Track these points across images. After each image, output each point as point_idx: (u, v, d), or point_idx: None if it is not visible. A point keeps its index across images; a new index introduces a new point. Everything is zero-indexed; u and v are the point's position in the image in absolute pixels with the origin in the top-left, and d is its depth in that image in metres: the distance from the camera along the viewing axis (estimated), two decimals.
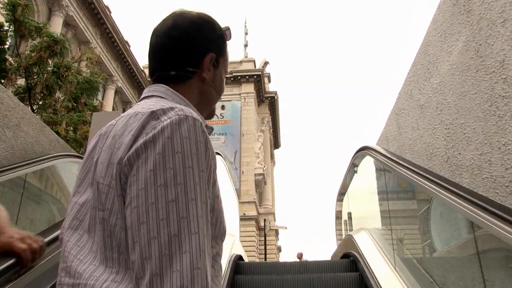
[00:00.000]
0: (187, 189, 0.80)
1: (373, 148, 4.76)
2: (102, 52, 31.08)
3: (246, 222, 35.39)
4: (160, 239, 0.76)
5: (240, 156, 37.86)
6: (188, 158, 0.82)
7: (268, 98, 45.63)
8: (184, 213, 0.78)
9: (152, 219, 0.78)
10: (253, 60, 43.92)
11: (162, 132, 0.84)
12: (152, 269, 0.74)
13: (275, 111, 48.19)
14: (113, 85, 32.88)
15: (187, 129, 0.85)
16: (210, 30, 1.16)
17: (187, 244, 0.76)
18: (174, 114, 0.87)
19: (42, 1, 26.19)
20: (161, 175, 0.80)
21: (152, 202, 0.78)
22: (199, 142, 0.86)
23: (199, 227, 0.79)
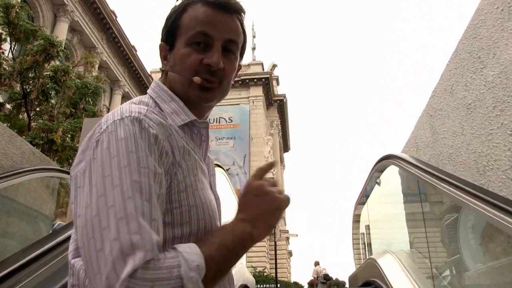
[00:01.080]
0: (123, 189, 0.77)
1: (400, 157, 3.95)
2: (108, 57, 30.60)
3: None
4: (86, 223, 0.76)
5: (249, 160, 37.14)
6: (123, 158, 0.80)
7: (276, 101, 44.97)
8: (122, 213, 0.75)
9: (82, 208, 0.79)
10: (261, 63, 43.24)
11: (98, 140, 0.84)
12: (84, 257, 0.75)
13: (284, 114, 47.50)
14: (120, 90, 32.35)
15: (123, 130, 0.84)
16: (165, 23, 1.11)
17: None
18: (112, 118, 0.87)
19: (47, 7, 25.80)
20: (100, 185, 0.79)
21: (88, 205, 0.78)
22: (134, 140, 0.83)
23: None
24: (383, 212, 5.30)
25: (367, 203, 5.76)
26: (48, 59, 10.78)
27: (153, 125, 0.88)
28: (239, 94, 40.08)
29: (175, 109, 1.02)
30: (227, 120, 38.49)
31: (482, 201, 2.21)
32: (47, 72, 11.12)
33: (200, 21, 1.03)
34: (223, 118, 38.40)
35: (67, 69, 11.35)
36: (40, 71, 10.63)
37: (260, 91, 40.89)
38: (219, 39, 1.03)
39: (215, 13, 1.04)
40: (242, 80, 40.55)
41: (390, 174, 4.62)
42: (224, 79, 1.05)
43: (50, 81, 11.00)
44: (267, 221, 0.91)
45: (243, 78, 40.53)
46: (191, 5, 1.06)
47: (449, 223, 3.21)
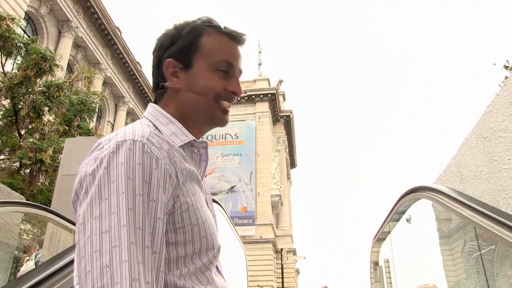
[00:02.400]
0: (120, 216, 0.78)
1: (440, 191, 3.05)
2: (113, 73, 30.05)
3: (263, 245, 33.76)
4: (93, 272, 0.75)
5: (255, 177, 36.26)
6: (122, 184, 0.80)
7: (283, 116, 44.23)
8: (116, 242, 0.76)
9: (87, 253, 0.76)
10: (267, 79, 42.60)
11: (100, 163, 0.83)
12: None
13: (291, 130, 46.74)
14: (125, 106, 31.74)
15: (124, 154, 0.83)
16: (166, 37, 1.10)
17: (118, 274, 0.74)
18: (114, 142, 0.86)
19: (52, 23, 25.37)
20: (96, 207, 0.79)
21: (88, 236, 0.77)
22: (137, 164, 0.83)
23: (129, 255, 0.76)
24: (412, 253, 4.42)
25: (390, 240, 4.88)
26: (40, 74, 10.07)
27: (155, 149, 0.87)
28: (245, 110, 39.38)
29: (174, 131, 1.01)
30: (233, 136, 37.75)
31: None
32: (39, 87, 10.41)
33: (225, 51, 1.08)
34: (229, 134, 37.66)
35: (61, 84, 10.63)
36: (31, 86, 9.91)
37: (267, 107, 40.18)
38: (237, 70, 1.10)
39: (234, 45, 1.10)
40: (248, 96, 39.88)
41: (421, 209, 3.75)
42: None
43: (42, 97, 10.28)
44: None
45: (249, 94, 39.87)
46: (209, 30, 1.08)
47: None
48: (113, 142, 0.85)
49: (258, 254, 32.86)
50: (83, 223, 0.79)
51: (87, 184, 0.82)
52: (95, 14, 27.88)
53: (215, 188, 34.69)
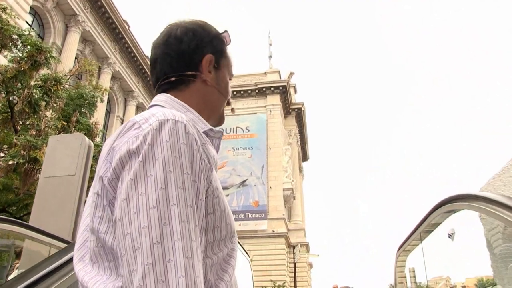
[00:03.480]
0: (169, 194, 0.77)
1: (496, 200, 2.29)
2: (121, 67, 29.46)
3: (275, 240, 33.10)
4: (142, 248, 0.73)
5: (267, 170, 35.53)
6: (169, 162, 0.79)
7: (294, 109, 43.38)
8: (166, 219, 0.74)
9: (134, 229, 0.74)
10: (278, 71, 41.71)
11: (144, 140, 0.81)
12: (137, 280, 0.71)
13: (302, 122, 45.88)
14: (134, 100, 31.17)
15: (168, 133, 0.82)
16: (205, 32, 1.14)
17: (171, 252, 0.73)
18: (155, 120, 0.84)
19: (58, 17, 24.78)
20: (141, 183, 0.77)
21: (134, 212, 0.75)
22: (182, 144, 0.82)
23: (182, 233, 0.75)
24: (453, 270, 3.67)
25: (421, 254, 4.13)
26: (36, 67, 9.41)
27: (194, 131, 0.87)
28: (256, 103, 38.62)
29: (192, 118, 1.00)
30: (244, 130, 37.03)
31: None
32: (36, 81, 9.76)
33: (232, 65, 1.22)
34: (240, 127, 36.95)
35: (58, 78, 9.97)
36: (26, 80, 9.26)
37: (278, 100, 39.34)
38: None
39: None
40: (259, 89, 39.09)
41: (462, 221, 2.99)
42: None
43: (39, 91, 9.64)
44: None
45: (260, 87, 39.07)
46: (227, 42, 1.19)
47: None
48: (155, 120, 0.83)
49: (270, 248, 32.27)
50: (126, 199, 0.77)
51: (130, 160, 0.80)
52: (102, 8, 27.25)
53: (227, 182, 34.08)
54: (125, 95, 31.04)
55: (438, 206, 3.34)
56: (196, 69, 1.09)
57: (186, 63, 1.08)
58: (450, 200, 3.15)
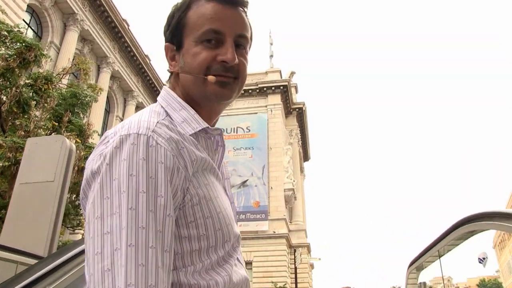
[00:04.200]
0: (121, 217, 0.73)
1: None
2: (121, 67, 28.97)
3: (276, 241, 32.61)
4: (95, 275, 0.71)
5: (268, 170, 35.04)
6: (123, 182, 0.75)
7: (295, 109, 42.89)
8: (117, 244, 0.72)
9: (90, 255, 0.73)
10: (279, 71, 41.19)
11: (104, 159, 0.79)
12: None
13: (304, 122, 45.39)
14: (134, 100, 30.69)
15: (127, 150, 0.78)
16: (166, 21, 1.05)
17: (119, 278, 0.70)
18: (118, 136, 0.81)
19: (57, 16, 24.26)
20: (98, 207, 0.76)
21: (91, 237, 0.74)
22: (141, 159, 0.77)
23: (127, 258, 0.71)
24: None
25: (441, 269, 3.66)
26: (25, 65, 8.93)
27: (162, 141, 0.82)
28: (257, 103, 38.12)
29: (186, 118, 0.96)
30: (244, 129, 36.54)
31: None
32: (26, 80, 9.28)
33: (209, 18, 0.97)
34: (240, 127, 36.46)
35: (49, 76, 9.49)
36: (14, 78, 8.78)
37: (279, 99, 38.84)
38: (230, 35, 0.98)
39: (223, 8, 0.99)
40: (259, 88, 38.59)
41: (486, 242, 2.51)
42: (239, 74, 1.00)
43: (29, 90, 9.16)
44: None
45: (261, 86, 38.57)
46: (195, 1, 1.00)
47: None
48: (117, 137, 0.81)
49: (271, 249, 31.78)
50: (88, 222, 0.76)
51: (93, 180, 0.79)
52: (101, 7, 26.76)
53: None
54: (125, 94, 30.55)
55: (460, 224, 2.87)
56: (178, 50, 1.01)
57: (170, 51, 1.03)
58: (473, 219, 2.68)
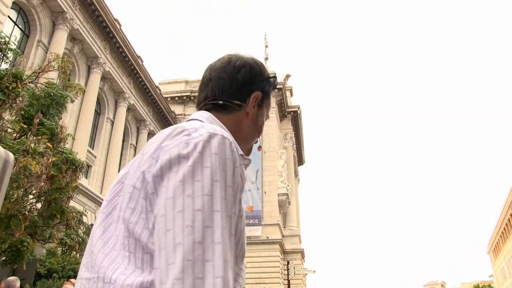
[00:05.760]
0: (214, 201, 0.81)
1: None
2: (112, 67, 27.87)
3: (270, 246, 31.63)
4: (184, 245, 0.76)
5: (262, 175, 34.06)
6: (216, 172, 0.84)
7: (290, 112, 41.98)
8: (209, 223, 0.78)
9: (177, 226, 0.78)
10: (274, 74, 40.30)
11: (194, 147, 0.86)
12: (175, 273, 0.74)
13: (298, 125, 44.47)
14: (125, 102, 29.56)
15: (217, 146, 0.87)
16: (260, 72, 1.21)
17: (210, 253, 0.76)
18: (205, 131, 0.90)
19: (45, 14, 23.01)
20: (189, 186, 0.81)
21: (179, 211, 0.79)
22: (228, 159, 0.87)
23: (223, 238, 0.79)
24: None
25: None
26: None
27: (237, 150, 0.91)
28: None
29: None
30: None
31: None
32: None
33: (269, 109, 1.30)
34: None
35: (19, 74, 8.49)
36: None
37: (273, 102, 37.91)
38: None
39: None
40: None
41: None
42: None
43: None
44: None
45: None
46: (274, 86, 1.28)
47: None
48: (205, 132, 0.89)
49: (264, 255, 30.77)
50: (173, 197, 0.80)
51: (179, 163, 0.84)
52: (92, 6, 25.64)
53: None
54: (116, 96, 29.44)
55: None
56: (243, 101, 1.15)
57: (236, 92, 1.14)
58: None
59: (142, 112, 32.23)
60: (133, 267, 0.83)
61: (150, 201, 0.85)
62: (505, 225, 56.54)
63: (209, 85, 1.16)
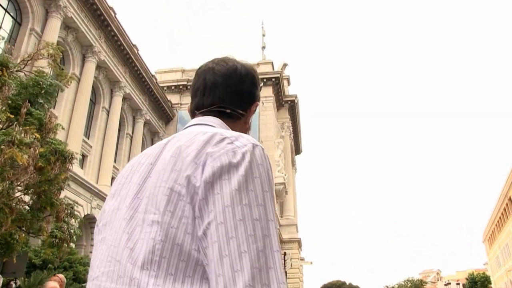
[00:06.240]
0: (266, 210, 0.84)
1: None
2: (107, 56, 27.38)
3: None
4: (250, 253, 0.79)
5: None
6: (264, 182, 0.87)
7: (287, 101, 41.60)
8: (266, 232, 0.82)
9: (241, 234, 0.80)
10: (271, 62, 39.79)
11: (243, 157, 0.87)
12: (245, 280, 0.76)
13: (296, 115, 44.14)
14: (121, 91, 29.11)
15: (261, 156, 0.90)
16: (257, 82, 1.25)
17: (271, 260, 0.80)
18: (248, 142, 0.91)
19: (37, 2, 22.41)
20: (245, 196, 0.83)
21: (240, 219, 0.81)
22: (268, 169, 0.90)
23: (278, 246, 0.83)
24: None
25: None
26: None
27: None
28: None
29: None
30: None
31: None
32: None
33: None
34: None
35: (5, 62, 8.13)
36: None
37: (270, 92, 37.51)
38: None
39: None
40: None
41: None
42: None
43: None
44: None
45: None
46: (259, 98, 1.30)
47: None
48: (248, 142, 0.91)
49: None
50: (231, 205, 0.82)
51: (229, 172, 0.85)
52: None
53: None
54: (111, 85, 28.97)
55: None
56: (245, 110, 1.19)
57: (241, 102, 1.18)
58: None
59: (138, 101, 31.79)
60: (168, 275, 0.82)
61: (200, 207, 0.84)
62: (501, 214, 56.66)
63: (214, 91, 1.16)
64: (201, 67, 1.22)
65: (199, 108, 1.16)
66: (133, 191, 0.95)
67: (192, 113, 1.19)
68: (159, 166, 0.93)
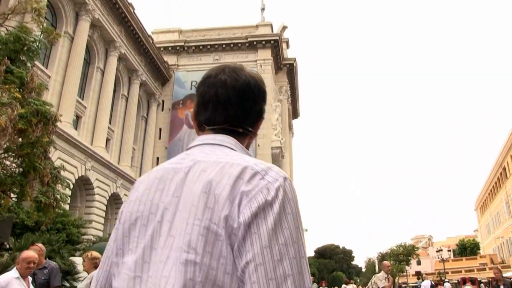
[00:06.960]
0: (300, 247, 0.86)
1: None
2: (101, 15, 26.29)
3: None
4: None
5: None
6: (296, 218, 0.88)
7: (286, 65, 40.66)
8: (300, 269, 0.84)
9: (280, 276, 0.81)
10: (270, 24, 38.56)
11: (276, 194, 0.87)
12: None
13: (294, 78, 43.28)
14: (116, 51, 28.17)
15: (291, 191, 0.90)
16: (265, 96, 1.19)
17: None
18: (279, 176, 0.91)
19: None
20: (280, 234, 0.84)
21: (278, 260, 0.82)
22: (297, 203, 0.91)
23: (310, 282, 0.85)
24: None
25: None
26: None
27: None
28: (246, 57, 35.76)
29: None
30: None
31: None
32: None
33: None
34: None
35: None
36: None
37: (269, 54, 36.53)
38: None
39: None
40: (249, 42, 36.14)
41: None
42: None
43: None
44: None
45: (251, 40, 36.09)
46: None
47: None
48: (280, 176, 0.90)
49: None
50: (269, 246, 0.83)
51: (264, 210, 0.85)
52: None
53: None
54: (106, 45, 27.97)
55: None
56: (253, 126, 1.14)
57: (251, 121, 1.14)
58: None
59: (134, 62, 30.87)
60: None
61: (239, 247, 0.84)
62: (494, 183, 56.78)
63: (227, 108, 1.10)
64: (211, 76, 1.13)
65: (210, 123, 1.10)
66: (166, 228, 0.92)
67: (200, 124, 1.12)
68: (188, 199, 0.90)
